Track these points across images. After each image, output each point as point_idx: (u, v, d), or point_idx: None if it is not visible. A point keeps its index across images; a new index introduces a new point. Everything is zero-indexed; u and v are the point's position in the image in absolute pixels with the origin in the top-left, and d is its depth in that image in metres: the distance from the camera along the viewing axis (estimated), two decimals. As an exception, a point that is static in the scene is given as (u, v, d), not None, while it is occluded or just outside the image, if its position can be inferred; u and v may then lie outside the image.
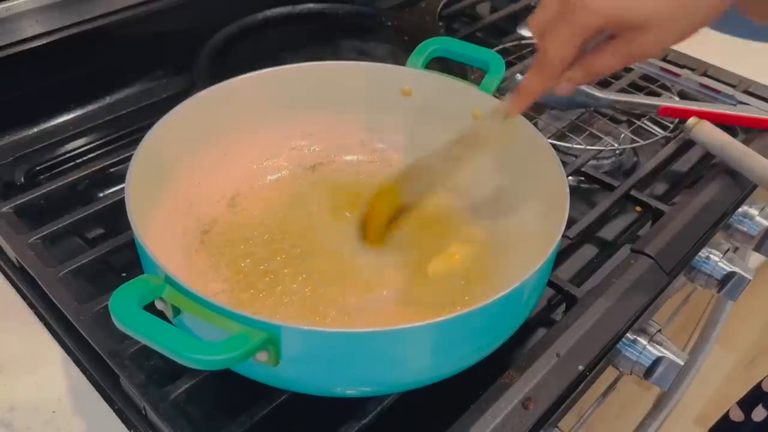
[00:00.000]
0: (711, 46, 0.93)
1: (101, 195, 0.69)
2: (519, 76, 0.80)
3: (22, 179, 0.71)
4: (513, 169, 0.60)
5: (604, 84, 0.85)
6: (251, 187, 0.64)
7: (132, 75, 0.83)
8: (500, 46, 0.92)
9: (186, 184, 0.58)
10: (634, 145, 0.77)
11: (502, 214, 0.60)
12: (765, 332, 1.50)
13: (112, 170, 0.69)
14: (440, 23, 0.97)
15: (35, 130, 0.76)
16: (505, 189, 0.61)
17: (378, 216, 0.57)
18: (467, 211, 0.62)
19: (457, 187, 0.64)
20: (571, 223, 0.60)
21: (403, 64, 0.64)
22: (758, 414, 0.69)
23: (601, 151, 0.76)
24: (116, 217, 0.56)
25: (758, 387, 0.72)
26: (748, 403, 0.72)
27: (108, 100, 0.81)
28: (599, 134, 0.78)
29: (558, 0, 0.45)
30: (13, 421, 0.50)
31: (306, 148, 0.67)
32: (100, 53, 0.80)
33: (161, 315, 0.41)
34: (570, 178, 0.71)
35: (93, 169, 0.68)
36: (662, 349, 0.59)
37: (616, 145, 0.77)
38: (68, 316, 0.54)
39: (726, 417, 0.74)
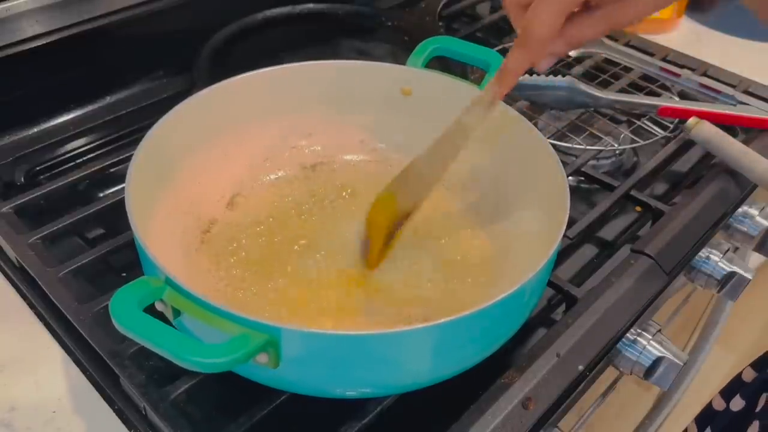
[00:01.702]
0: (711, 46, 0.94)
1: (101, 195, 0.69)
2: (519, 76, 0.80)
3: (22, 179, 0.71)
4: (513, 169, 0.60)
5: (604, 84, 0.85)
6: (251, 187, 0.64)
7: (132, 75, 0.83)
8: (500, 46, 0.92)
9: (186, 184, 0.58)
10: (634, 145, 0.77)
11: (502, 214, 0.60)
12: (765, 332, 1.50)
13: (112, 170, 0.69)
14: (440, 23, 0.97)
15: (35, 130, 0.76)
16: (505, 189, 0.61)
17: (377, 237, 0.56)
18: (467, 212, 0.62)
19: (456, 187, 0.64)
20: (571, 223, 0.60)
21: (403, 64, 0.64)
22: (736, 404, 0.70)
23: (601, 151, 0.76)
24: (116, 217, 0.56)
25: (738, 377, 0.72)
26: (728, 392, 0.72)
27: (108, 100, 0.81)
28: (599, 134, 0.78)
29: None
30: (13, 421, 0.50)
31: (306, 148, 0.67)
32: (100, 53, 0.80)
33: (161, 316, 0.41)
34: (570, 178, 0.71)
35: (93, 169, 0.68)
36: (662, 349, 0.59)
37: (616, 145, 0.77)
38: (68, 316, 0.54)
39: (709, 405, 0.74)
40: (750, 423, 0.65)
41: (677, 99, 0.83)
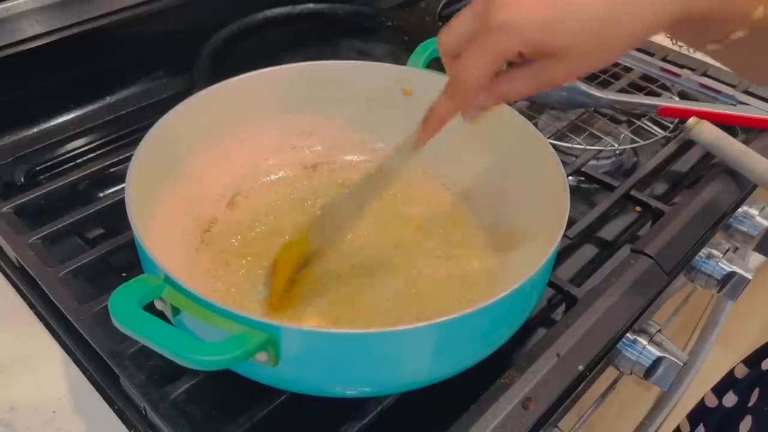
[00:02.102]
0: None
1: (101, 195, 0.69)
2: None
3: (22, 179, 0.71)
4: (513, 169, 0.60)
5: (604, 84, 0.85)
6: (251, 187, 0.64)
7: (132, 75, 0.83)
8: (500, 46, 0.92)
9: (186, 184, 0.58)
10: (634, 145, 0.77)
11: (502, 214, 0.60)
12: (765, 332, 1.50)
13: (112, 170, 0.69)
14: (440, 23, 0.97)
15: (35, 130, 0.76)
16: (505, 189, 0.61)
17: (280, 279, 0.54)
18: (467, 212, 0.62)
19: (456, 187, 0.64)
20: (571, 223, 0.60)
21: (404, 64, 0.64)
22: (729, 400, 0.70)
23: (601, 151, 0.76)
24: (116, 217, 0.56)
25: (731, 373, 0.72)
26: (720, 389, 0.72)
27: (108, 100, 0.81)
28: (599, 134, 0.78)
29: (475, 19, 0.42)
30: (13, 421, 0.50)
31: (306, 148, 0.67)
32: (100, 53, 0.80)
33: (161, 315, 0.41)
34: (570, 178, 0.71)
35: (93, 169, 0.68)
36: (662, 349, 0.59)
37: (616, 145, 0.77)
38: (68, 316, 0.54)
39: (701, 403, 0.74)
40: (742, 418, 0.65)
41: (677, 99, 0.83)
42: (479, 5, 0.41)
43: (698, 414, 0.73)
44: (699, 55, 0.91)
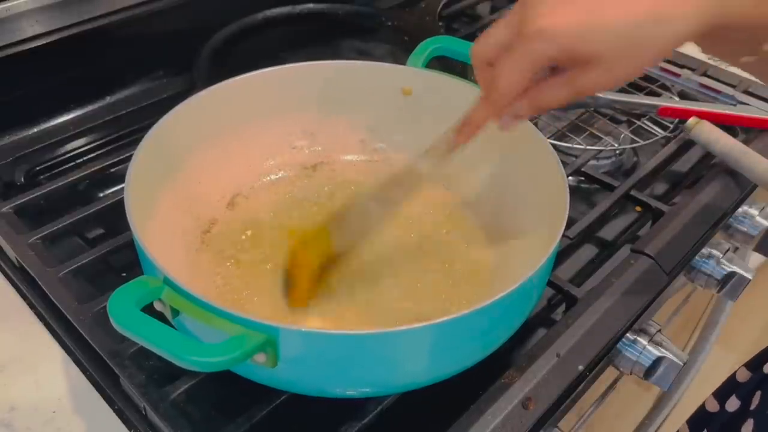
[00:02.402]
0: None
1: (101, 195, 0.69)
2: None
3: (22, 179, 0.71)
4: (513, 169, 0.60)
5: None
6: (251, 187, 0.64)
7: (132, 75, 0.83)
8: (500, 46, 0.92)
9: (186, 184, 0.58)
10: (634, 145, 0.77)
11: (501, 214, 0.60)
12: (765, 332, 1.50)
13: (112, 170, 0.69)
14: (440, 23, 0.97)
15: (35, 130, 0.76)
16: (505, 189, 0.61)
17: (300, 273, 0.54)
18: (467, 211, 0.62)
19: (456, 187, 0.64)
20: (571, 223, 0.60)
21: (403, 64, 0.64)
22: (732, 404, 0.70)
23: (601, 151, 0.76)
24: (116, 217, 0.56)
25: (733, 377, 0.72)
26: (722, 393, 0.72)
27: (108, 100, 0.81)
28: (599, 134, 0.78)
29: (510, 29, 0.44)
30: (13, 421, 0.50)
31: (306, 148, 0.67)
32: (100, 53, 0.80)
33: (160, 316, 0.41)
34: (570, 178, 0.71)
35: (93, 169, 0.68)
36: (662, 349, 0.59)
37: (616, 145, 0.77)
38: (68, 316, 0.54)
39: (702, 407, 0.74)
40: (744, 421, 0.65)
41: (677, 99, 0.83)
42: (514, 16, 0.43)
43: (699, 419, 0.73)
44: (699, 55, 0.91)
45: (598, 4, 0.41)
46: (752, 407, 0.66)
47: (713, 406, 0.72)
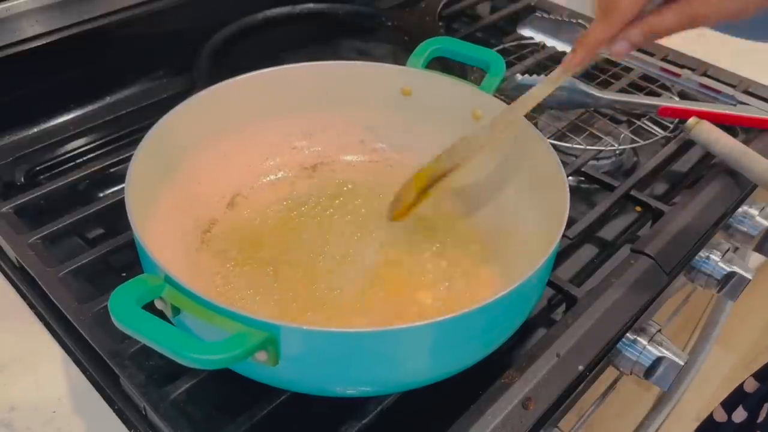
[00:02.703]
0: (711, 46, 0.93)
1: (101, 195, 0.69)
2: (519, 77, 0.80)
3: (22, 179, 0.71)
4: (513, 169, 0.60)
5: (604, 84, 0.85)
6: (251, 187, 0.64)
7: (132, 75, 0.83)
8: (500, 46, 0.92)
9: (186, 184, 0.58)
10: (634, 145, 0.77)
11: (502, 214, 0.60)
12: (765, 332, 1.49)
13: (112, 170, 0.69)
14: (440, 23, 0.97)
15: (35, 130, 0.76)
16: (505, 189, 0.61)
17: (411, 194, 0.57)
18: (467, 212, 0.62)
19: (456, 187, 0.64)
20: (571, 223, 0.60)
21: (403, 64, 0.64)
22: (738, 415, 0.70)
23: (601, 151, 0.76)
24: (116, 217, 0.56)
25: (740, 388, 0.72)
26: (730, 403, 0.72)
27: (108, 100, 0.81)
28: (599, 134, 0.78)
29: None
30: (13, 421, 0.50)
31: (306, 148, 0.67)
32: (100, 53, 0.80)
33: (161, 315, 0.41)
34: (570, 178, 0.71)
35: (93, 169, 0.68)
36: (662, 349, 0.59)
37: (616, 145, 0.77)
38: (68, 316, 0.54)
39: (710, 417, 0.74)
40: None
41: (677, 99, 0.83)
42: None
43: (707, 429, 0.73)
44: (699, 55, 0.91)
45: None
46: (759, 420, 0.66)
47: (721, 416, 0.72)
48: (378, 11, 0.98)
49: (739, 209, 0.73)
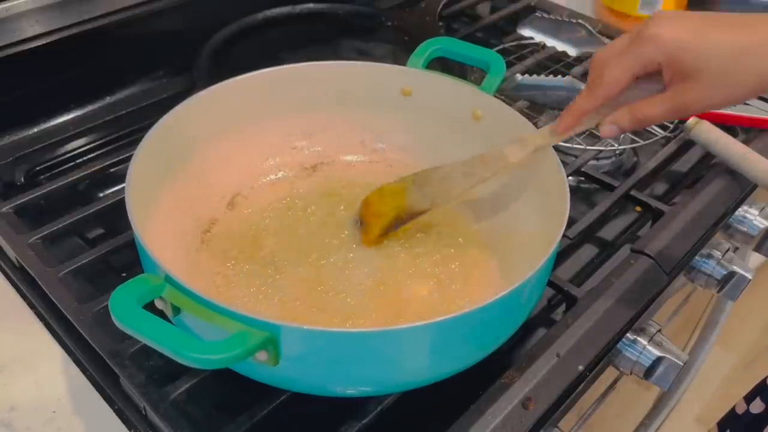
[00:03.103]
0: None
1: (101, 195, 0.69)
2: (519, 77, 0.80)
3: (22, 179, 0.71)
4: (513, 170, 0.60)
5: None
6: (251, 187, 0.64)
7: (132, 75, 0.83)
8: (500, 46, 0.92)
9: (186, 184, 0.58)
10: (634, 145, 0.77)
11: (502, 214, 0.60)
12: (765, 332, 1.50)
13: (112, 170, 0.69)
14: (440, 23, 0.97)
15: (35, 130, 0.76)
16: (505, 189, 0.61)
17: (375, 222, 0.58)
18: (467, 212, 0.62)
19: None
20: (571, 223, 0.60)
21: (403, 64, 0.64)
22: (756, 406, 0.70)
23: (601, 151, 0.76)
24: (116, 217, 0.56)
25: (763, 382, 0.73)
26: (750, 396, 0.73)
27: (108, 100, 0.81)
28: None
29: (630, 38, 0.48)
30: (13, 421, 0.50)
31: (306, 149, 0.67)
32: (100, 53, 0.80)
33: (161, 314, 0.41)
34: (570, 178, 0.71)
35: (93, 169, 0.68)
36: (662, 349, 0.59)
37: (616, 145, 0.77)
38: (68, 316, 0.54)
39: (732, 410, 0.75)
40: (767, 425, 0.66)
41: (677, 99, 0.83)
42: (636, 29, 0.48)
43: (726, 421, 0.74)
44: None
45: (711, 24, 0.46)
46: None
47: (741, 408, 0.73)
48: (378, 11, 0.98)
49: (739, 209, 0.73)
